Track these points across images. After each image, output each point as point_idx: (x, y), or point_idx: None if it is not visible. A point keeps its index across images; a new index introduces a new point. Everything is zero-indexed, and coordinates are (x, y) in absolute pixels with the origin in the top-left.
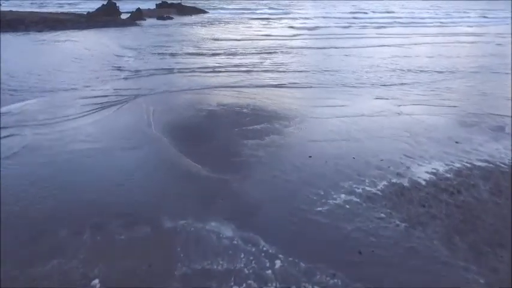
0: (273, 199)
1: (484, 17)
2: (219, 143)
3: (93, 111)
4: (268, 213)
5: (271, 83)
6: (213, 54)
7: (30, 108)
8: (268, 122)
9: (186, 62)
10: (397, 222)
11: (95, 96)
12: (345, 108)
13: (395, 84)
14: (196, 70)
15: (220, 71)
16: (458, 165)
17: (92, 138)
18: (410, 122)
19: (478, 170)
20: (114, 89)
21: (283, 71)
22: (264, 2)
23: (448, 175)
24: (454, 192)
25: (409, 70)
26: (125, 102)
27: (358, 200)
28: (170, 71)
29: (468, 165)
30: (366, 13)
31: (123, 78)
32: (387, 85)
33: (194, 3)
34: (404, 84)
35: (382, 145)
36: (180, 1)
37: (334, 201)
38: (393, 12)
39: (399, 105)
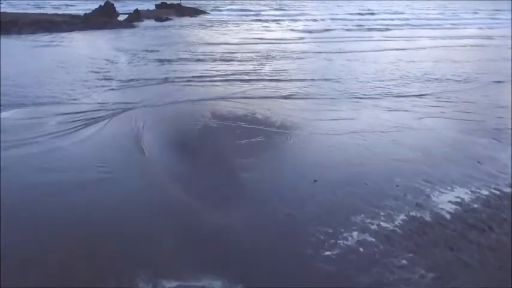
0: (271, 241)
1: (493, 18)
2: (213, 165)
3: (72, 129)
4: (266, 260)
5: (272, 93)
6: (210, 60)
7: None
8: (268, 138)
9: (181, 69)
10: (422, 271)
11: (76, 112)
12: (352, 122)
13: (406, 95)
14: (191, 79)
15: (217, 80)
16: (485, 192)
17: (64, 166)
18: (425, 138)
19: (508, 200)
20: (99, 103)
21: (286, 80)
22: (266, 2)
23: (475, 205)
24: (485, 229)
25: (420, 78)
26: (111, 118)
27: (374, 239)
28: (164, 80)
29: (496, 192)
30: (373, 14)
31: (112, 88)
32: (398, 96)
33: (196, 3)
34: (417, 94)
35: (396, 167)
36: (179, 1)
37: (345, 243)
38: (402, 13)
39: (412, 119)
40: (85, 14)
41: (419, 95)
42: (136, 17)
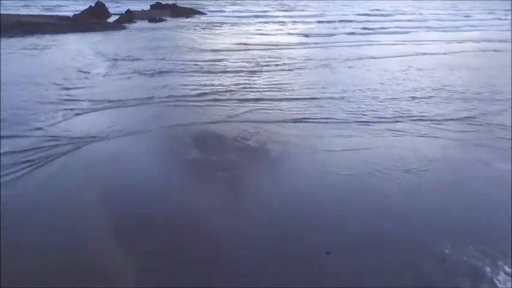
0: None
1: (507, 19)
2: (192, 230)
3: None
4: None
5: (270, 116)
6: (196, 72)
7: None
8: (269, 184)
9: (164, 83)
10: None
11: (15, 151)
12: (370, 154)
13: (429, 118)
14: (175, 98)
15: (203, 99)
16: None
17: None
18: (466, 179)
19: None
20: (52, 136)
21: (286, 98)
22: (268, 2)
23: None
24: None
25: (439, 92)
26: (69, 155)
27: None
28: (143, 100)
29: None
30: (383, 15)
31: (78, 112)
32: (420, 118)
33: (196, 4)
34: (446, 117)
35: (436, 226)
36: (175, 2)
37: None
38: (413, 14)
39: (443, 150)
40: (74, 14)
41: (445, 119)
42: (127, 18)
